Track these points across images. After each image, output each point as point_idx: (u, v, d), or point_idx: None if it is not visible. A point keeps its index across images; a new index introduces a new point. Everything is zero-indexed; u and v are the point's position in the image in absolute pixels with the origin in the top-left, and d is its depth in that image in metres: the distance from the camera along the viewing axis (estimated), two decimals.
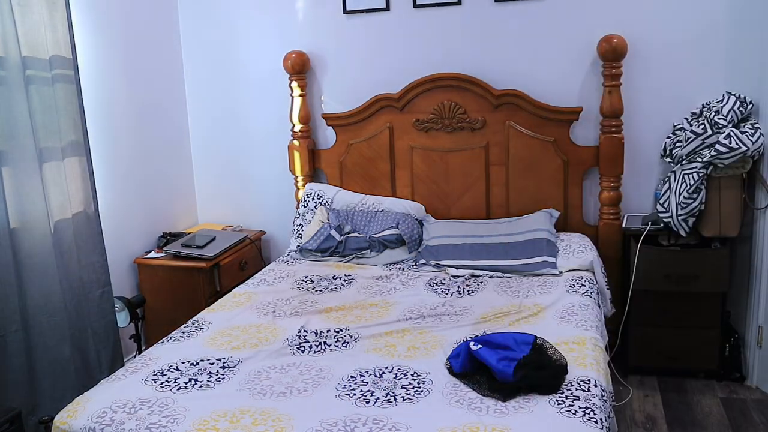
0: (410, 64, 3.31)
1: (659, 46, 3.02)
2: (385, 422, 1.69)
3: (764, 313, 2.82)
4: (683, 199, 2.77)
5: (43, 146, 2.57)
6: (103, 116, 3.07)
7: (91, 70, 2.96)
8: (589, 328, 2.22)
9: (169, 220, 3.59)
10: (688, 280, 2.83)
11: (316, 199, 3.37)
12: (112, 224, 3.08)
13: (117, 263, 3.14)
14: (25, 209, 2.51)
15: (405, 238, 3.06)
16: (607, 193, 3.10)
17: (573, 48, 3.12)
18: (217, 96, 3.71)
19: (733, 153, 2.63)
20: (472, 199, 3.29)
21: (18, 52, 2.44)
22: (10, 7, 2.39)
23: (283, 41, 3.49)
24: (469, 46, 3.25)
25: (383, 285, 2.77)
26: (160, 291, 3.24)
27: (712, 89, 2.94)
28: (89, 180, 2.79)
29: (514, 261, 2.83)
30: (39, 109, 2.54)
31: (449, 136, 3.26)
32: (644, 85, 3.07)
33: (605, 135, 3.05)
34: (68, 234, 2.68)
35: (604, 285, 2.82)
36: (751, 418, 2.66)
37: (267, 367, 2.04)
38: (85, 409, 1.82)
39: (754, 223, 2.87)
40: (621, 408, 2.74)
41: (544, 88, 3.14)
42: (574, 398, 1.75)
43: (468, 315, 2.39)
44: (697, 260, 2.83)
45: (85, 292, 2.76)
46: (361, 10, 3.35)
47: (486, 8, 3.20)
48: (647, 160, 3.13)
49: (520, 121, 3.16)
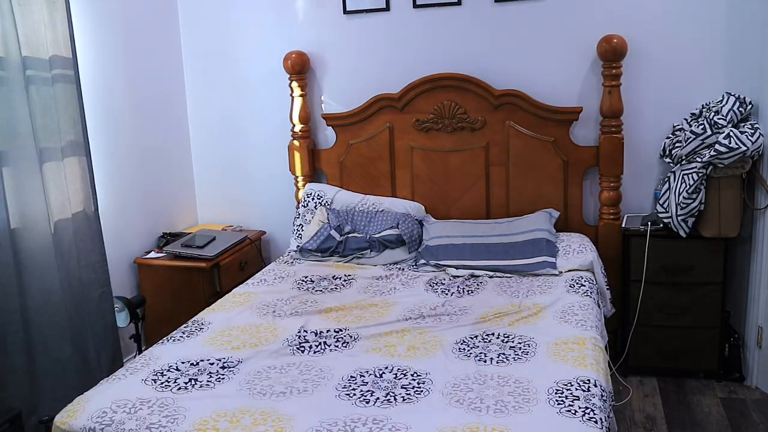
0: (410, 64, 3.31)
1: (659, 46, 3.03)
2: (385, 422, 1.69)
3: (764, 313, 2.82)
4: (683, 200, 2.77)
5: (43, 146, 2.57)
6: (103, 116, 3.07)
7: (91, 69, 2.96)
8: (589, 328, 2.22)
9: (169, 220, 3.59)
10: (683, 271, 2.85)
11: (316, 199, 3.37)
12: (112, 224, 3.08)
13: (117, 263, 3.14)
14: (25, 209, 2.51)
15: (405, 238, 3.06)
16: (606, 193, 3.10)
17: (573, 48, 3.12)
18: (217, 96, 3.71)
19: (732, 153, 2.64)
20: (472, 199, 3.29)
21: (18, 52, 2.44)
22: (10, 6, 2.39)
23: (283, 41, 3.49)
24: (469, 46, 3.25)
25: (383, 285, 2.77)
26: (160, 291, 3.24)
27: (712, 89, 2.94)
28: (89, 180, 2.79)
29: (514, 261, 2.83)
30: (39, 109, 2.54)
31: (449, 136, 3.26)
32: (644, 85, 3.07)
33: (605, 135, 3.05)
34: (68, 234, 2.68)
35: (604, 285, 2.82)
36: (751, 418, 2.66)
37: (267, 367, 2.04)
38: (85, 409, 1.81)
39: (753, 224, 2.87)
40: (621, 408, 2.74)
41: (544, 88, 3.15)
42: (574, 398, 1.76)
43: (468, 315, 2.40)
44: (693, 251, 2.85)
45: (85, 292, 2.76)
46: (361, 10, 3.35)
47: (486, 8, 3.21)
48: (647, 161, 3.13)
49: (520, 121, 3.16)
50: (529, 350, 2.07)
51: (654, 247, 2.89)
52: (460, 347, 2.12)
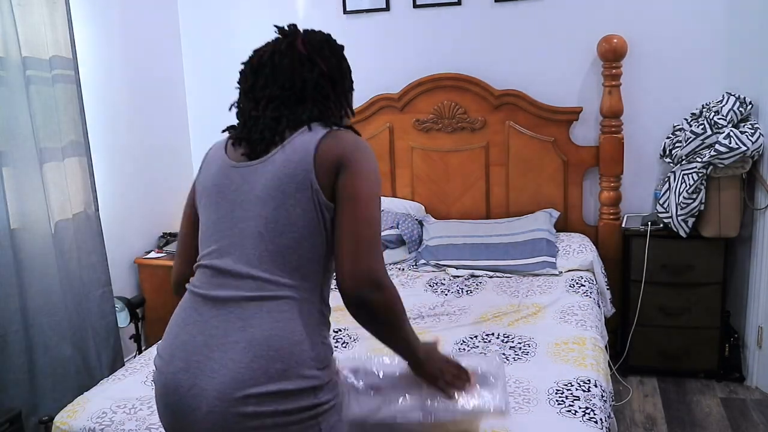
0: (410, 64, 3.31)
1: (659, 46, 3.03)
2: None
3: (764, 313, 2.82)
4: (683, 200, 2.77)
5: (44, 146, 2.57)
6: (103, 116, 3.07)
7: (91, 70, 2.96)
8: (589, 328, 2.22)
9: (169, 220, 3.59)
10: (683, 271, 2.85)
11: None
12: (113, 224, 3.08)
13: (117, 263, 3.14)
14: (26, 210, 2.51)
15: (405, 238, 3.06)
16: (606, 193, 3.10)
17: (573, 48, 3.12)
18: (217, 96, 3.70)
19: (732, 153, 2.63)
20: (472, 199, 3.29)
21: (18, 53, 2.44)
22: (10, 7, 2.39)
23: None
24: (469, 46, 3.25)
25: None
26: (160, 291, 3.24)
27: (712, 90, 2.94)
28: (89, 180, 2.79)
29: (514, 261, 2.83)
30: (39, 110, 2.54)
31: (449, 136, 3.26)
32: (644, 86, 3.07)
33: (605, 135, 3.05)
34: (69, 234, 2.68)
35: (604, 285, 2.82)
36: (751, 418, 2.66)
37: None
38: (85, 409, 1.82)
39: (753, 224, 2.87)
40: (621, 408, 2.74)
41: (544, 88, 3.15)
42: (574, 398, 1.75)
43: (467, 315, 2.40)
44: (693, 251, 2.85)
45: (85, 292, 2.76)
46: (361, 10, 3.36)
47: (486, 8, 3.21)
48: (647, 161, 3.13)
49: (520, 121, 3.16)
50: (529, 350, 2.07)
51: (654, 247, 2.89)
52: (460, 347, 2.12)
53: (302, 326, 1.22)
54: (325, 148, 1.23)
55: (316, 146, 1.23)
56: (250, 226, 1.25)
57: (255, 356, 1.17)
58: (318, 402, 1.20)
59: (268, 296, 1.22)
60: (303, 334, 1.21)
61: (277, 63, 1.32)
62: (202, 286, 1.29)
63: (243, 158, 1.32)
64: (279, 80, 1.31)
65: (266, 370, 1.16)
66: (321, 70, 1.34)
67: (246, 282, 1.23)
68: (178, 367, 1.22)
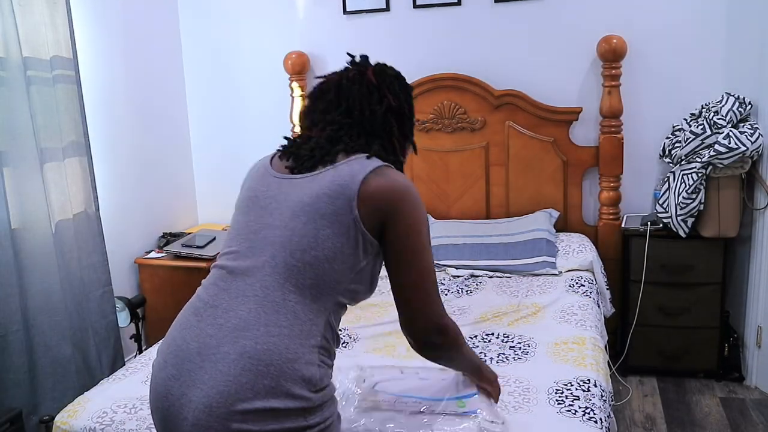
0: (410, 64, 3.29)
1: (659, 46, 3.03)
2: None
3: (763, 313, 2.82)
4: (682, 200, 2.77)
5: (44, 146, 2.57)
6: (103, 116, 3.07)
7: (91, 70, 2.96)
8: (589, 328, 2.22)
9: (169, 220, 3.59)
10: (683, 271, 2.85)
11: None
12: (113, 224, 3.08)
13: (117, 263, 3.14)
14: (26, 210, 2.51)
15: None
16: (606, 193, 3.10)
17: (573, 48, 3.12)
18: (217, 96, 3.71)
19: (732, 153, 2.64)
20: (472, 199, 3.29)
21: (19, 53, 2.44)
22: (10, 7, 2.39)
23: (283, 41, 3.49)
24: (469, 46, 3.25)
25: (383, 285, 2.75)
26: (161, 291, 3.24)
27: (711, 90, 2.95)
28: (90, 180, 2.79)
29: (514, 261, 2.83)
30: (40, 110, 2.54)
31: (449, 137, 3.27)
32: (644, 86, 3.07)
33: (605, 135, 3.05)
34: (69, 234, 2.69)
35: (604, 285, 2.82)
36: (751, 418, 2.66)
37: None
38: (86, 408, 1.82)
39: (753, 224, 2.88)
40: (621, 408, 2.75)
41: (544, 88, 3.15)
42: (573, 398, 1.76)
43: (467, 315, 2.40)
44: (692, 251, 2.86)
45: (85, 292, 2.77)
46: (361, 11, 3.36)
47: (486, 8, 3.21)
48: (647, 161, 3.14)
49: (519, 122, 3.17)
50: (528, 350, 2.07)
51: (654, 247, 2.89)
52: None
53: (299, 345, 1.18)
54: (373, 183, 1.23)
55: (364, 177, 1.23)
56: (275, 234, 1.24)
57: (243, 369, 1.14)
58: (307, 425, 1.15)
59: (270, 308, 1.20)
60: (298, 353, 1.18)
61: (345, 89, 1.33)
62: (208, 288, 1.29)
63: (286, 171, 1.33)
64: (343, 105, 1.32)
65: (253, 385, 1.13)
66: (389, 104, 1.33)
67: (253, 288, 1.22)
68: (170, 373, 1.21)
